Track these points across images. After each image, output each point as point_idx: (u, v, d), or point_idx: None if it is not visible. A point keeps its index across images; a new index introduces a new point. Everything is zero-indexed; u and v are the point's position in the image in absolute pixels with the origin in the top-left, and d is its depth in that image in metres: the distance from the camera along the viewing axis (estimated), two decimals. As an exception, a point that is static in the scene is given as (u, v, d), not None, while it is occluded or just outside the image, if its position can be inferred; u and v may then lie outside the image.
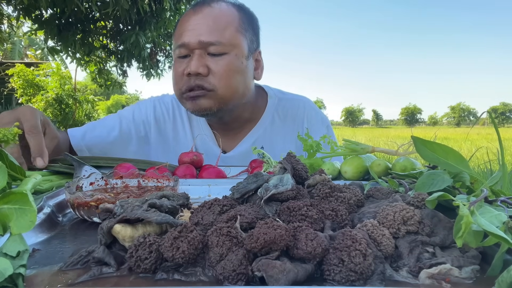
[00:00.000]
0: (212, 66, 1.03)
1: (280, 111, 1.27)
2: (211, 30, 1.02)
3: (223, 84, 1.04)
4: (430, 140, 0.58)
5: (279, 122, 1.26)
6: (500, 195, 0.52)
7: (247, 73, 1.11)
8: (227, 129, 1.23)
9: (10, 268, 0.33)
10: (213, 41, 1.02)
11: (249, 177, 0.55)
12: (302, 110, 1.28)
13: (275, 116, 1.26)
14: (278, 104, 1.28)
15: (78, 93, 11.67)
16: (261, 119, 1.24)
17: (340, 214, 0.46)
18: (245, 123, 1.23)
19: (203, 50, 1.03)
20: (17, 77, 10.89)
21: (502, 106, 78.79)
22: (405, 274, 0.38)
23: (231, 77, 1.05)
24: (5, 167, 0.48)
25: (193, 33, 1.03)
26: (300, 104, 1.29)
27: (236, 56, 1.05)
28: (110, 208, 0.45)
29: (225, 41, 1.03)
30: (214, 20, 1.04)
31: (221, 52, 1.03)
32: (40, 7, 4.12)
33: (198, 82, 1.03)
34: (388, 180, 0.70)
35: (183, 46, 1.04)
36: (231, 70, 1.04)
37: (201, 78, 1.02)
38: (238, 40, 1.06)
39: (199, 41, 1.02)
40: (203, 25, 1.03)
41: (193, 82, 1.03)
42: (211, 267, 0.38)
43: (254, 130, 1.24)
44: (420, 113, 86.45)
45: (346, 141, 0.87)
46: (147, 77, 6.51)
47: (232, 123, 1.21)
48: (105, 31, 5.56)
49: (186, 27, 1.05)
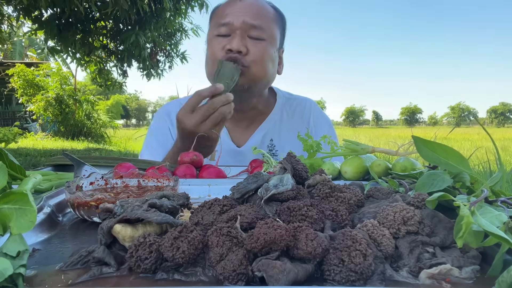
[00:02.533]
0: (251, 48, 1.11)
1: (288, 108, 1.36)
2: (255, 15, 1.12)
3: (258, 64, 1.12)
4: (431, 140, 0.58)
5: (287, 117, 1.34)
6: (500, 195, 0.52)
7: (275, 63, 1.21)
8: (240, 119, 1.29)
9: (10, 268, 0.33)
10: (256, 25, 1.11)
11: (249, 177, 0.55)
12: (309, 109, 1.38)
13: (284, 112, 1.35)
14: (286, 102, 1.37)
15: (78, 93, 11.67)
16: (271, 114, 1.32)
17: (340, 214, 0.46)
18: (256, 115, 1.31)
19: (245, 32, 1.11)
20: (17, 77, 10.89)
21: (501, 106, 78.78)
22: (405, 274, 0.38)
23: (265, 61, 1.14)
24: (5, 167, 0.48)
25: (238, 14, 1.11)
26: (306, 103, 1.40)
27: (271, 45, 1.16)
28: (110, 208, 0.45)
29: (266, 28, 1.13)
30: (258, 9, 1.14)
31: (260, 37, 1.12)
32: (40, 7, 4.12)
33: (237, 56, 1.09)
34: (388, 180, 0.70)
35: (226, 25, 1.12)
36: (266, 55, 1.14)
37: (241, 56, 1.09)
38: (274, 31, 1.17)
39: (243, 21, 1.10)
40: (248, 10, 1.13)
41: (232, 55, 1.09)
42: (211, 267, 0.38)
43: (265, 123, 1.31)
44: (420, 113, 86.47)
45: (346, 141, 0.87)
46: (147, 77, 6.51)
47: (248, 112, 1.28)
48: (105, 31, 5.56)
49: (231, 10, 1.13)
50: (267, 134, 1.30)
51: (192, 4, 5.43)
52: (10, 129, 6.83)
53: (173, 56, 6.77)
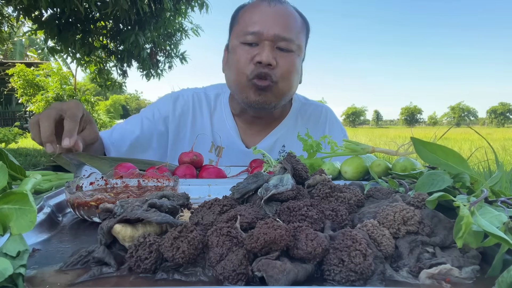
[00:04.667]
0: (280, 60, 1.07)
1: (303, 114, 1.33)
2: (286, 27, 1.07)
3: (285, 79, 1.09)
4: (430, 142, 0.57)
5: (301, 124, 1.31)
6: (500, 195, 0.52)
7: (299, 74, 1.18)
8: (254, 124, 1.26)
9: (10, 268, 0.33)
10: (287, 37, 1.06)
11: (249, 177, 0.55)
12: (325, 116, 1.35)
13: (298, 118, 1.32)
14: (302, 107, 1.33)
15: (78, 93, 11.67)
16: (286, 119, 1.29)
17: (340, 214, 0.46)
18: (271, 121, 1.28)
19: (274, 43, 1.06)
20: (17, 77, 10.90)
21: (500, 106, 78.74)
22: (405, 274, 0.38)
23: (292, 74, 1.10)
24: (5, 167, 0.48)
25: (269, 24, 1.05)
26: (323, 110, 1.36)
27: (298, 56, 1.12)
28: (110, 208, 0.45)
29: (295, 39, 1.08)
30: (288, 18, 1.08)
31: (289, 49, 1.08)
32: (40, 7, 4.12)
33: (267, 71, 1.05)
34: (388, 180, 0.70)
35: (255, 34, 1.06)
36: (293, 67, 1.10)
37: (269, 69, 1.05)
38: (302, 43, 1.13)
39: (275, 34, 1.05)
40: (279, 19, 1.06)
41: (262, 70, 1.05)
42: (211, 267, 0.38)
43: (278, 128, 1.28)
44: (420, 113, 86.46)
45: (346, 141, 0.87)
46: (147, 77, 6.51)
47: (263, 118, 1.25)
48: (105, 31, 5.56)
49: (260, 17, 1.07)
50: (279, 139, 1.27)
51: (192, 4, 5.43)
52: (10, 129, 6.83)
53: (173, 56, 6.77)
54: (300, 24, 1.13)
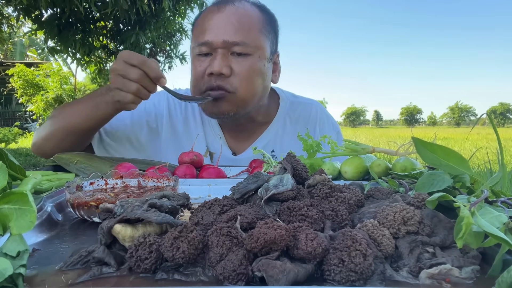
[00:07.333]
0: (235, 67, 1.00)
1: (292, 115, 1.25)
2: (236, 30, 0.99)
3: (244, 86, 1.02)
4: (431, 142, 0.57)
5: (290, 125, 1.24)
6: (500, 195, 0.52)
7: (267, 76, 1.09)
8: (239, 131, 1.21)
9: (10, 268, 0.33)
10: (238, 41, 0.99)
11: (249, 177, 0.55)
12: (315, 115, 1.27)
13: (287, 119, 1.24)
14: (290, 107, 1.26)
15: (78, 93, 11.67)
16: (273, 122, 1.23)
17: (340, 214, 0.46)
18: (257, 126, 1.22)
19: (227, 49, 1.00)
20: (17, 77, 10.90)
21: (500, 106, 78.72)
22: (405, 274, 0.38)
23: (253, 79, 1.03)
24: (5, 167, 0.48)
25: (217, 31, 1.00)
26: (312, 108, 1.28)
27: (259, 58, 1.03)
28: (110, 208, 0.45)
29: (250, 41, 1.01)
30: (239, 20, 1.01)
31: (245, 53, 1.01)
32: (40, 7, 4.12)
33: (220, 82, 1.00)
34: (388, 180, 0.70)
35: (205, 44, 1.01)
36: (254, 72, 1.02)
37: (223, 78, 1.00)
38: (261, 42, 1.04)
39: (224, 40, 0.99)
40: (228, 24, 1.00)
41: (214, 82, 1.00)
42: (211, 267, 0.38)
43: (265, 133, 1.22)
44: (420, 113, 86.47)
45: (346, 141, 0.87)
46: (147, 77, 6.49)
47: (245, 125, 1.19)
48: (105, 31, 5.56)
49: (209, 25, 1.01)
50: (268, 144, 1.21)
51: (191, 5, 5.43)
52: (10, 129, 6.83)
53: (173, 56, 6.76)
54: (258, 21, 1.04)
